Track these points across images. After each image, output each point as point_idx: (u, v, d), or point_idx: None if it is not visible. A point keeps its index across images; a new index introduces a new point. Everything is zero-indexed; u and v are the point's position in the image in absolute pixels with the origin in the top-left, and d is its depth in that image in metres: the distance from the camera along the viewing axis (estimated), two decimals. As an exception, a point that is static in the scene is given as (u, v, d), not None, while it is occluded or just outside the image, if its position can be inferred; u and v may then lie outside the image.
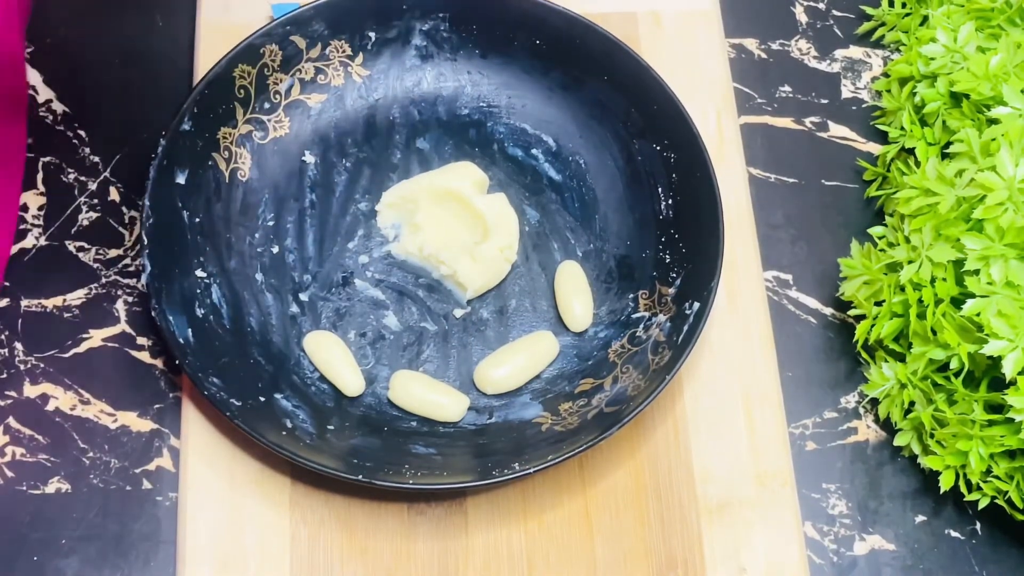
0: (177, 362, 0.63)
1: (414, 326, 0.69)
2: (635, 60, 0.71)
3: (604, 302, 0.70)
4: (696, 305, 0.65)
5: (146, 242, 0.65)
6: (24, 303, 0.69)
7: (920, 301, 0.64)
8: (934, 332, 0.63)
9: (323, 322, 0.68)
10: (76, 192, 0.72)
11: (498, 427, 0.66)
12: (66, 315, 0.69)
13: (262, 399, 0.64)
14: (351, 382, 0.66)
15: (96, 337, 0.68)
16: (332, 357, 0.66)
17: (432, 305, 0.69)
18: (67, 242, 0.71)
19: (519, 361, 0.67)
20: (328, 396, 0.66)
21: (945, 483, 0.65)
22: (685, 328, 0.65)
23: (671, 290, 0.68)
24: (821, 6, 0.81)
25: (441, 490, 0.63)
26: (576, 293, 0.69)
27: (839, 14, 0.81)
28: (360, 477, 0.61)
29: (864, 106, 0.78)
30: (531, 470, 0.61)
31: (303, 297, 0.69)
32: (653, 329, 0.67)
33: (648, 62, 0.71)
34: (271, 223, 0.70)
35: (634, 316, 0.68)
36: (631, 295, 0.69)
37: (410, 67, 0.74)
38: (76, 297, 0.69)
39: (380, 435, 0.65)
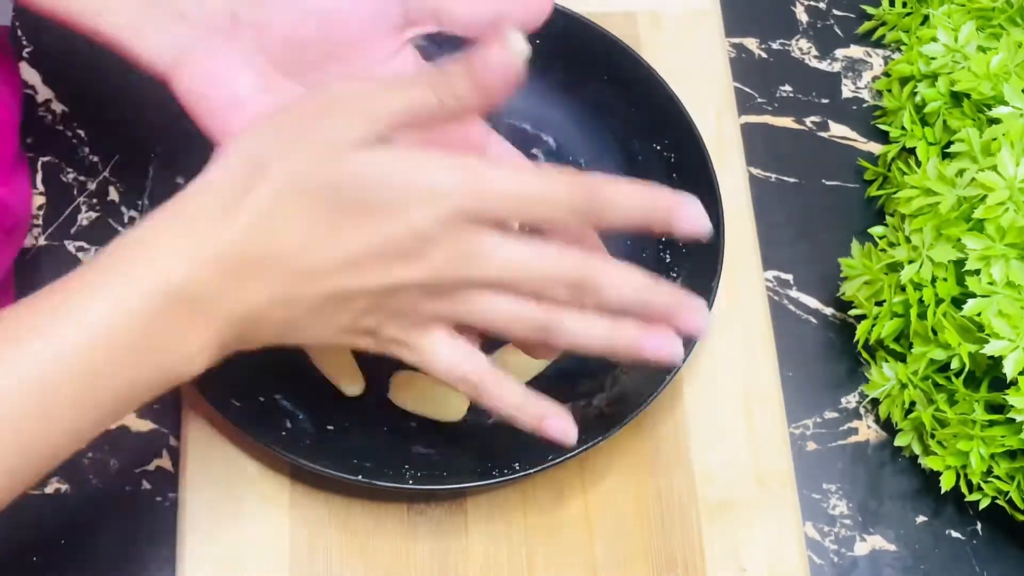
0: None
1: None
2: (635, 60, 0.71)
3: None
4: None
5: (146, 242, 0.65)
6: (24, 303, 0.69)
7: (921, 301, 0.64)
8: (935, 332, 0.63)
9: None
10: (76, 192, 0.72)
11: (499, 428, 0.66)
12: (66, 315, 0.69)
13: (262, 399, 0.64)
14: (351, 382, 0.66)
15: (96, 337, 0.68)
16: (332, 357, 0.66)
17: (432, 305, 0.69)
18: (67, 242, 0.70)
19: (519, 361, 0.67)
20: (328, 396, 0.66)
21: (946, 483, 0.65)
22: None
23: None
24: (821, 5, 0.81)
25: (441, 491, 0.63)
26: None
27: (839, 13, 0.81)
28: (360, 477, 0.61)
29: (865, 106, 0.78)
30: (531, 470, 0.61)
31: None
32: None
33: (648, 62, 0.71)
34: (271, 223, 0.70)
35: None
36: None
37: (411, 68, 0.73)
38: (76, 297, 0.69)
39: (380, 435, 0.65)
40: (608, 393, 0.65)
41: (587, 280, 0.51)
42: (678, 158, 0.70)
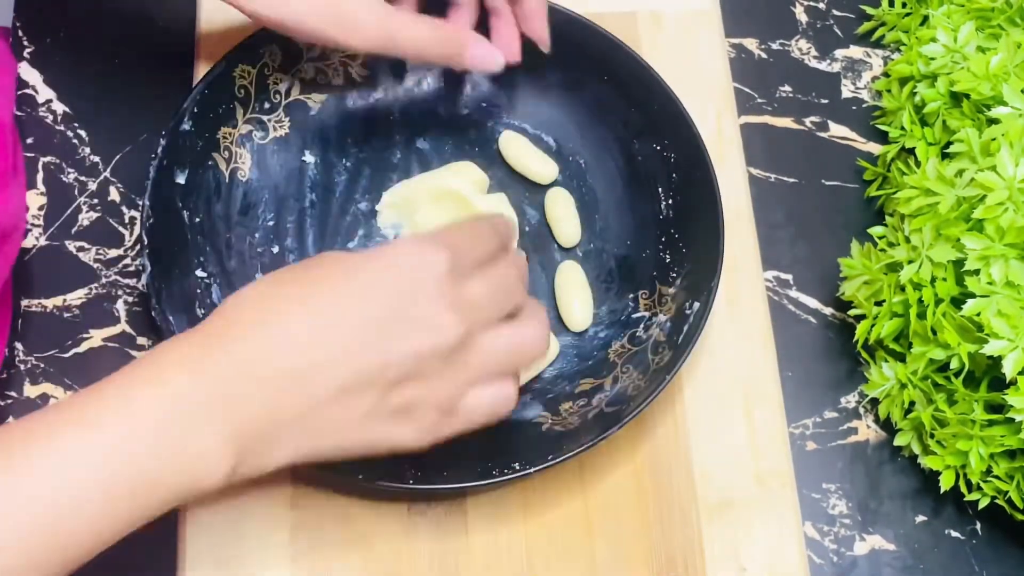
0: None
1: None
2: (636, 60, 0.71)
3: (604, 302, 0.70)
4: (696, 305, 0.65)
5: (146, 242, 0.65)
6: (24, 303, 0.69)
7: (920, 301, 0.64)
8: (934, 332, 0.63)
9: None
10: (76, 192, 0.72)
11: (498, 427, 0.66)
12: (66, 315, 0.69)
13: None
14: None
15: (96, 337, 0.68)
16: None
17: (432, 305, 0.69)
18: (67, 242, 0.71)
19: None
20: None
21: (945, 483, 0.65)
22: (685, 328, 0.65)
23: (671, 290, 0.68)
24: (821, 6, 0.81)
25: (440, 491, 0.63)
26: (576, 293, 0.69)
27: (839, 14, 0.81)
28: (360, 477, 0.61)
29: (864, 106, 0.78)
30: (531, 470, 0.61)
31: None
32: (653, 329, 0.67)
33: (648, 62, 0.71)
34: (271, 223, 0.70)
35: (634, 316, 0.68)
36: (631, 295, 0.69)
37: (411, 67, 0.74)
38: (76, 297, 0.69)
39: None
40: (608, 393, 0.65)
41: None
42: (678, 158, 0.70)
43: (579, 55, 0.72)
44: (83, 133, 0.73)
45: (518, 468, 0.61)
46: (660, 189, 0.70)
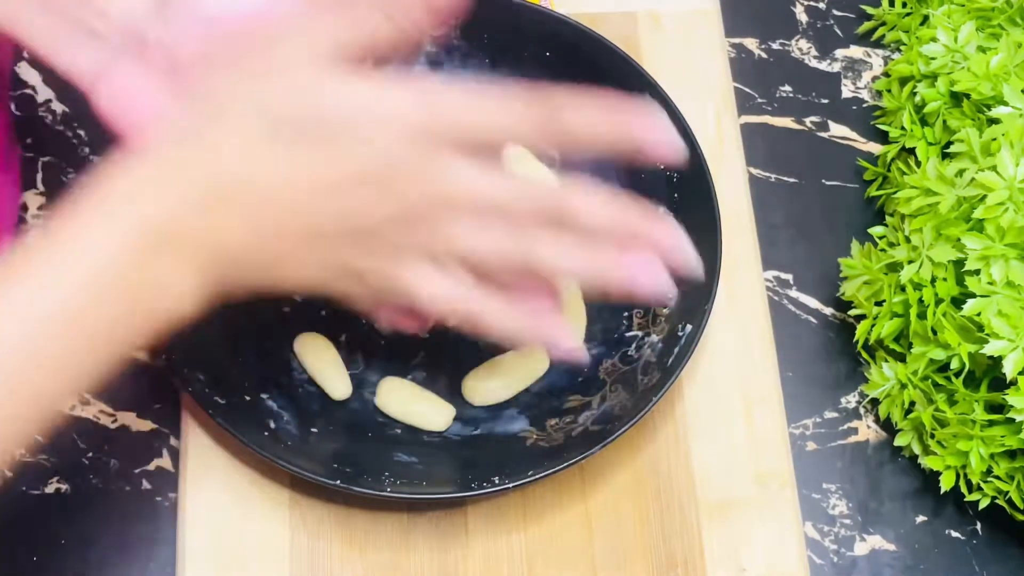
0: (164, 357, 0.63)
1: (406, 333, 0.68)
2: (645, 78, 0.69)
3: (598, 319, 0.69)
4: (689, 328, 0.65)
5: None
6: (24, 303, 0.68)
7: (920, 301, 0.64)
8: (934, 332, 0.63)
9: (315, 324, 0.68)
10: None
11: (483, 439, 0.65)
12: (66, 315, 0.68)
13: (247, 398, 0.64)
14: (339, 386, 0.66)
15: (96, 337, 0.68)
16: (321, 360, 0.66)
17: (428, 309, 0.69)
18: (67, 242, 0.70)
19: (508, 374, 0.67)
20: (315, 399, 0.66)
21: (945, 483, 0.65)
22: (676, 350, 0.64)
23: (665, 310, 0.67)
24: (821, 6, 0.81)
25: (418, 500, 0.63)
26: (571, 309, 0.68)
27: (839, 14, 0.81)
28: (338, 482, 0.60)
29: (864, 106, 0.78)
30: (510, 485, 0.60)
31: (296, 297, 0.68)
32: (645, 349, 0.67)
33: (652, 73, 0.69)
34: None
35: (627, 335, 0.68)
36: (625, 313, 0.69)
37: (419, 74, 0.73)
38: (76, 297, 0.69)
39: (364, 441, 0.64)
40: (595, 412, 0.65)
41: (558, 204, 0.50)
42: (680, 178, 0.68)
43: (588, 70, 0.70)
44: (83, 133, 0.73)
45: (497, 482, 0.60)
46: (661, 208, 0.70)
